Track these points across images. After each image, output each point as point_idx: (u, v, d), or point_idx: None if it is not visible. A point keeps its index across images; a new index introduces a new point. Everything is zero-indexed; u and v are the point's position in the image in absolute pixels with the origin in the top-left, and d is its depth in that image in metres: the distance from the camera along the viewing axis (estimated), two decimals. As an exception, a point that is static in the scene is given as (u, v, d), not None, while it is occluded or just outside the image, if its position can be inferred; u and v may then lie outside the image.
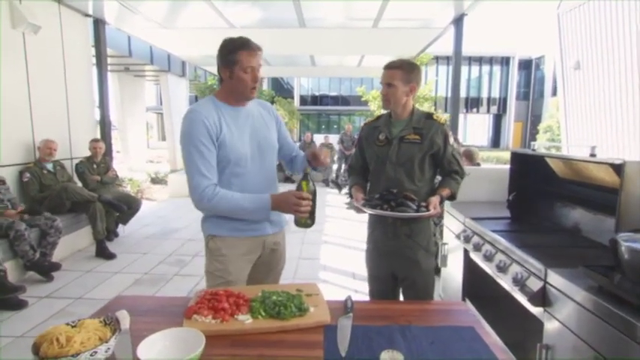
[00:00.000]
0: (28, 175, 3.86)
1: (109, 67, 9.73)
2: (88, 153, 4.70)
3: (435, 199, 1.69)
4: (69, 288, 3.34)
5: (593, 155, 1.85)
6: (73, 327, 0.92)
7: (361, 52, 7.37)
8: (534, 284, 1.65)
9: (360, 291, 3.41)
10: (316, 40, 6.19)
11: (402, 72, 1.70)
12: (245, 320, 1.10)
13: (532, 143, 2.36)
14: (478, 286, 2.42)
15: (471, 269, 2.49)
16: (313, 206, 1.42)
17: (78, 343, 0.85)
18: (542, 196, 2.50)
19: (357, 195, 1.87)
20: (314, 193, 1.42)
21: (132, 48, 8.77)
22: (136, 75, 11.29)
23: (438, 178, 1.91)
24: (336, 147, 10.19)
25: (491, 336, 1.08)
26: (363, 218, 6.38)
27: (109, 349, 0.89)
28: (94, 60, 5.14)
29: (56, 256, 3.69)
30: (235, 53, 1.42)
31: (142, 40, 6.94)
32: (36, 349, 0.85)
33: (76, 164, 4.53)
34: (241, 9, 4.83)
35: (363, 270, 3.84)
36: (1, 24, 3.73)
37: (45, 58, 4.28)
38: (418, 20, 5.18)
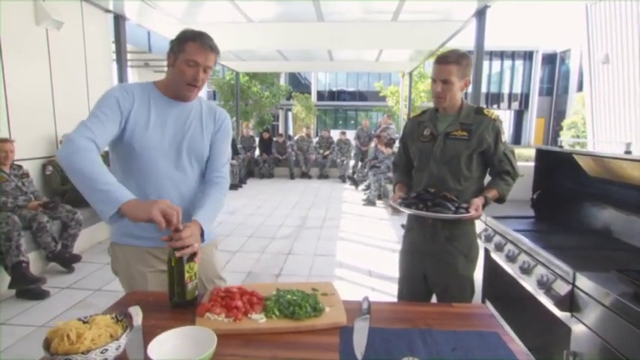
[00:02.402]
0: (50, 168, 3.95)
1: (129, 63, 9.92)
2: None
3: (477, 201, 1.59)
4: (89, 280, 3.41)
5: (628, 152, 1.75)
6: (84, 323, 0.91)
7: (380, 47, 7.25)
8: (561, 288, 1.57)
9: (377, 289, 3.36)
10: (334, 34, 6.10)
11: (458, 67, 1.58)
12: (259, 319, 1.07)
13: (560, 140, 2.25)
14: (499, 288, 2.34)
15: (491, 270, 2.41)
16: (180, 281, 1.16)
17: (88, 340, 0.84)
18: (569, 195, 2.39)
19: (396, 193, 1.79)
20: (179, 264, 1.16)
21: (151, 43, 8.90)
22: (156, 71, 11.44)
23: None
24: (353, 143, 10.12)
25: (515, 342, 1.02)
26: (380, 215, 6.29)
27: (119, 346, 0.87)
28: (114, 56, 5.21)
29: (76, 248, 3.77)
30: (185, 42, 1.31)
31: (162, 35, 7.00)
32: (47, 344, 0.84)
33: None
34: (260, 3, 4.80)
35: (379, 268, 3.82)
36: (25, 21, 3.81)
37: (67, 54, 4.35)
38: (439, 13, 5.04)
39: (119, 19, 5.05)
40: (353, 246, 4.58)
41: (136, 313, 1.11)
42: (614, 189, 2.03)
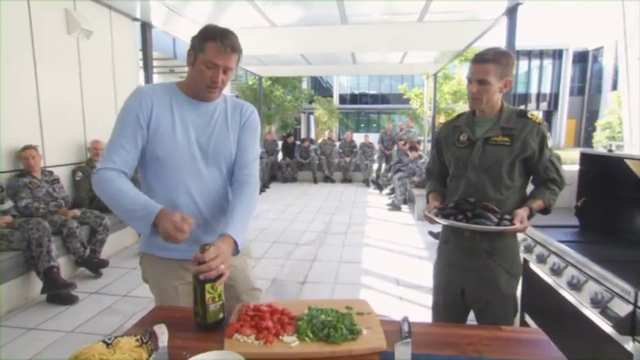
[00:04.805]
0: (80, 174, 4.02)
1: (155, 70, 10.14)
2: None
3: (522, 212, 1.45)
4: (116, 285, 3.43)
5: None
6: (108, 345, 0.85)
7: (405, 49, 7.10)
8: (620, 308, 1.42)
9: (405, 298, 3.24)
10: (358, 37, 6.01)
11: (497, 65, 1.45)
12: (291, 343, 0.99)
13: (610, 143, 2.08)
14: (540, 302, 2.18)
15: (531, 282, 2.25)
16: (201, 301, 1.09)
17: (112, 366, 0.78)
18: (619, 203, 2.20)
19: (431, 203, 1.67)
20: (199, 283, 1.09)
21: (177, 50, 9.07)
22: (181, 77, 11.66)
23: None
24: (376, 146, 9.98)
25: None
26: (406, 220, 6.11)
27: (145, 372, 0.81)
28: (140, 63, 5.29)
29: (104, 253, 3.81)
30: (205, 41, 1.24)
31: (187, 42, 7.10)
32: (70, 369, 0.78)
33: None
34: (283, 8, 4.78)
35: (407, 276, 3.69)
36: (57, 30, 3.90)
37: (96, 62, 4.44)
38: (467, 12, 4.87)
39: (146, 27, 5.14)
40: (379, 252, 4.46)
41: (162, 332, 1.05)
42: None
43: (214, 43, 1.22)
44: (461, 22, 5.23)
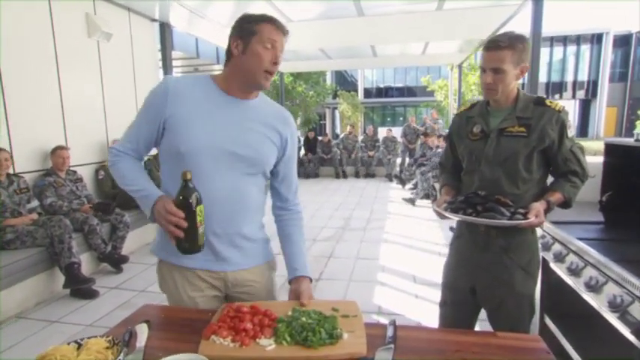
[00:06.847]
0: (102, 173, 4.16)
1: (180, 69, 10.35)
2: (155, 151, 4.96)
3: (538, 205, 1.35)
4: (135, 280, 3.54)
5: None
6: (78, 346, 0.85)
7: (425, 39, 6.89)
8: (640, 313, 1.30)
9: (421, 296, 3.15)
10: (376, 29, 5.88)
11: (513, 52, 1.34)
12: (267, 346, 0.96)
13: (636, 132, 1.91)
14: (560, 303, 2.05)
15: (550, 281, 2.12)
16: (191, 226, 1.05)
17: (74, 368, 0.77)
18: (648, 197, 2.03)
19: (441, 197, 1.59)
20: (188, 208, 1.04)
21: (199, 49, 9.22)
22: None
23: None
24: (400, 140, 9.79)
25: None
26: (428, 216, 5.95)
27: (109, 375, 0.80)
28: (160, 63, 5.40)
29: (125, 249, 3.93)
30: (257, 24, 1.14)
31: (206, 40, 7.19)
32: (35, 370, 0.79)
33: (144, 162, 4.80)
34: (297, 2, 4.73)
35: (424, 273, 3.59)
36: (78, 34, 4.03)
37: (116, 63, 4.57)
38: (488, -3, 4.66)
39: (165, 27, 5.23)
40: (397, 249, 4.37)
41: (142, 332, 1.05)
42: None
43: (269, 24, 1.15)
44: (483, 9, 5.01)
